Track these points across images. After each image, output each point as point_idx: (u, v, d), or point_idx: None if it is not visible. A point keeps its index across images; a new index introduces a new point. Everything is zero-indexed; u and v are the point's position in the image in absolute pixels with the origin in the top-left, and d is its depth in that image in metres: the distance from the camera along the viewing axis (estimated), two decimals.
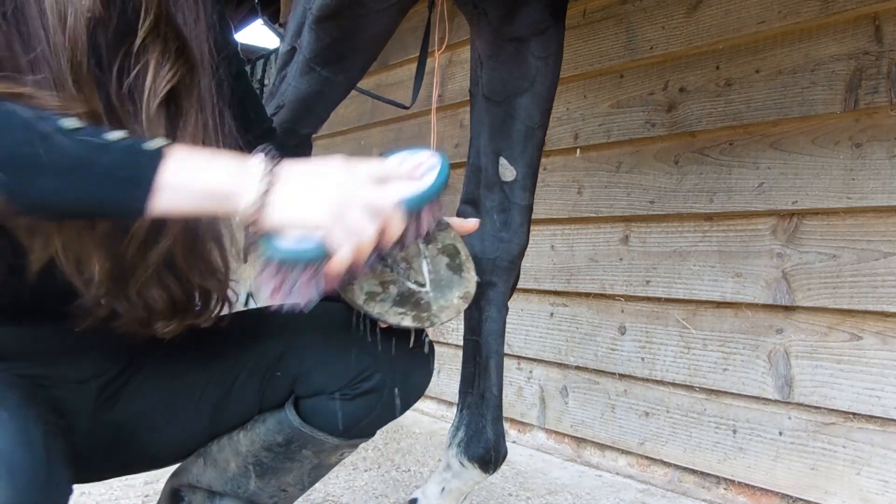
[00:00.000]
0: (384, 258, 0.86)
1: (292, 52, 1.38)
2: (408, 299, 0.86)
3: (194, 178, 0.68)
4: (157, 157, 0.66)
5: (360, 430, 0.97)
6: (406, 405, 0.98)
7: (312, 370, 0.93)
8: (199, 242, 0.81)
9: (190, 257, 0.80)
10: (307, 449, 0.97)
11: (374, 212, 0.72)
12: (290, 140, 1.41)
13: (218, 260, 0.85)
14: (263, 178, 0.70)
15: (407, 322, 0.84)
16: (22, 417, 0.67)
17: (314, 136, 3.26)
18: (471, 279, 0.91)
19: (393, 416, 0.98)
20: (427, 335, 0.96)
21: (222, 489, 0.99)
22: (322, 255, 0.72)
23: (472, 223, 0.94)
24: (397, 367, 0.94)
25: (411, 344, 0.93)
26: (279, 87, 1.39)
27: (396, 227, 0.74)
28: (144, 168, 0.65)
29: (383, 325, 0.90)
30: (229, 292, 0.88)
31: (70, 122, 0.65)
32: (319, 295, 0.74)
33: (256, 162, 0.71)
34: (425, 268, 0.90)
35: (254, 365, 0.94)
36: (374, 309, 0.84)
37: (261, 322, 0.98)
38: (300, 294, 0.73)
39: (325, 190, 0.72)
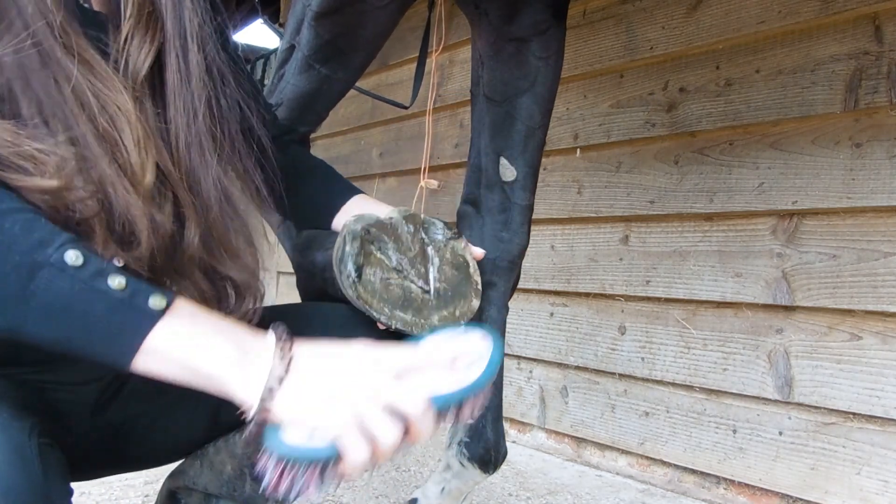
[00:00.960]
0: (387, 252, 0.84)
1: (291, 49, 1.37)
2: (409, 303, 0.83)
3: (188, 353, 0.61)
4: (153, 317, 0.60)
5: None
6: None
7: None
8: (228, 236, 0.78)
9: (219, 251, 0.77)
10: None
11: (400, 413, 0.63)
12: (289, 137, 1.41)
13: (248, 254, 0.80)
14: (273, 371, 0.62)
15: (399, 325, 0.81)
16: (16, 433, 0.62)
17: (314, 135, 3.27)
18: (474, 296, 0.88)
19: None
20: None
21: (218, 492, 0.98)
22: (333, 457, 0.63)
23: (479, 253, 0.92)
24: None
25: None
26: (278, 84, 1.39)
27: (426, 429, 0.64)
28: (135, 329, 0.60)
29: (380, 326, 0.87)
30: (260, 286, 0.81)
31: (73, 256, 0.58)
32: (324, 492, 0.65)
33: (266, 347, 0.63)
34: (432, 274, 0.86)
35: None
36: (374, 304, 0.81)
37: (264, 321, 0.97)
38: (302, 490, 0.64)
39: (342, 387, 0.63)
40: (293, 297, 1.14)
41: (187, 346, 0.61)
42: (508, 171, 1.31)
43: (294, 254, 1.29)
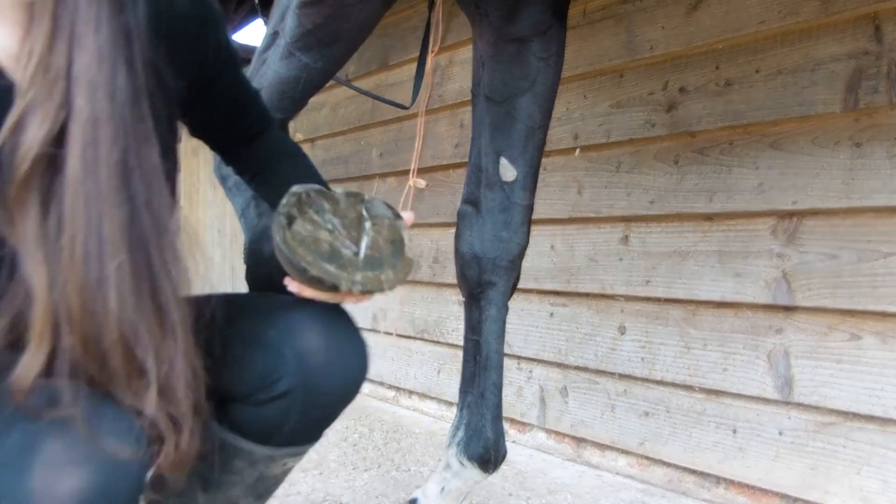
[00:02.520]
0: (323, 215, 0.85)
1: (275, 35, 1.37)
2: (335, 258, 0.84)
3: None
4: None
5: (288, 437, 0.88)
6: (338, 401, 0.89)
7: (222, 372, 0.80)
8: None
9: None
10: (239, 460, 0.89)
11: None
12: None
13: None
14: None
15: (321, 274, 0.81)
16: None
17: (314, 135, 3.27)
18: (405, 270, 0.89)
19: (327, 418, 0.90)
20: (353, 321, 0.91)
21: None
22: None
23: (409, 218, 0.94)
24: (308, 367, 0.84)
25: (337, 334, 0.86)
26: (259, 69, 1.39)
27: None
28: None
29: (291, 282, 0.86)
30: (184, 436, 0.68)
31: None
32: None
33: None
34: (364, 241, 0.89)
35: None
36: (298, 251, 0.81)
37: (217, 309, 0.87)
38: None
39: None
40: None
41: None
42: (508, 171, 1.31)
43: (248, 243, 1.29)
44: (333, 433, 2.31)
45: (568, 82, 2.08)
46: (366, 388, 2.93)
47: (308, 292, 0.87)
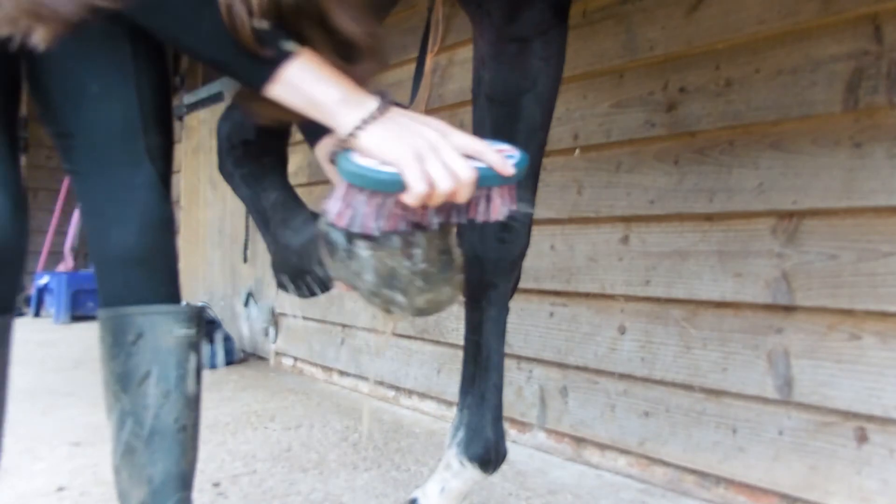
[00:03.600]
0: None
1: None
2: (394, 278, 0.84)
3: (309, 86, 0.79)
4: (288, 55, 0.79)
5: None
6: None
7: None
8: None
9: (340, 8, 0.84)
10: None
11: (452, 172, 0.78)
12: None
13: (368, 19, 0.87)
14: (369, 114, 0.79)
15: (385, 302, 0.84)
16: None
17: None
18: (457, 284, 0.89)
19: None
20: None
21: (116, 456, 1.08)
22: (393, 185, 0.76)
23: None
24: None
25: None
26: None
27: (466, 193, 0.80)
28: (274, 61, 0.79)
29: (342, 289, 0.92)
30: (383, 52, 0.90)
31: None
32: (379, 228, 0.78)
33: (371, 99, 0.81)
34: (417, 253, 0.87)
35: None
36: (363, 276, 0.83)
37: None
38: (361, 222, 0.77)
39: (416, 136, 0.79)
40: (293, 296, 1.14)
41: (310, 80, 0.80)
42: None
43: (267, 233, 1.26)
44: (333, 433, 2.31)
45: (568, 82, 2.08)
46: (365, 387, 2.93)
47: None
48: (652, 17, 1.89)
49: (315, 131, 1.02)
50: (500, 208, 0.85)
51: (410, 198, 0.77)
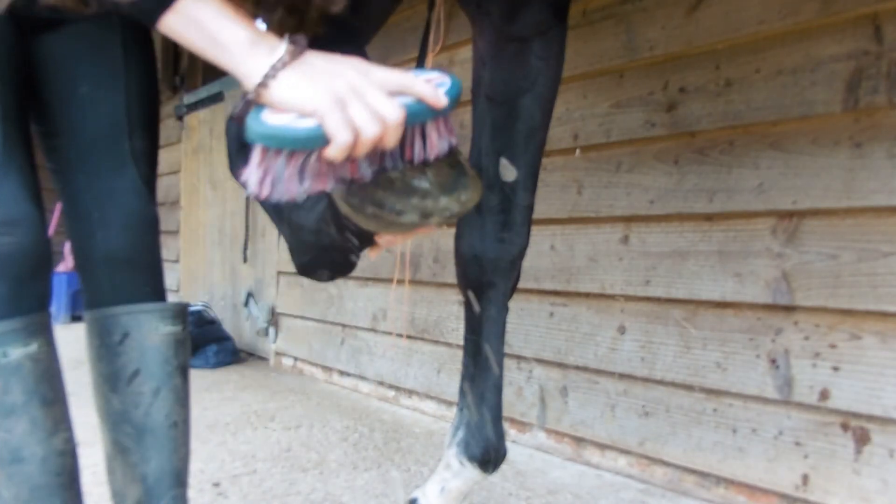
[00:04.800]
0: (383, 170, 0.80)
1: None
2: (413, 191, 0.80)
3: (211, 22, 0.71)
4: None
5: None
6: None
7: None
8: None
9: None
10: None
11: (377, 114, 0.70)
12: None
13: None
14: (279, 58, 0.70)
15: (412, 217, 0.79)
16: None
17: None
18: (475, 186, 0.86)
19: None
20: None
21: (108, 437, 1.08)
22: (313, 141, 0.68)
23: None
24: None
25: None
26: None
27: (395, 135, 0.71)
28: None
29: (378, 240, 0.86)
30: None
31: None
32: (306, 191, 0.70)
33: (281, 42, 0.72)
34: (429, 171, 0.84)
35: None
36: (389, 197, 0.78)
37: None
38: (284, 188, 0.69)
39: (334, 80, 0.70)
40: (293, 296, 1.14)
41: (212, 16, 0.71)
42: (509, 172, 1.31)
43: (282, 222, 1.26)
44: (333, 433, 2.31)
45: (568, 82, 2.08)
46: (366, 387, 2.93)
47: (385, 238, 0.86)
48: (652, 17, 1.89)
49: None
50: (437, 144, 0.77)
51: (334, 150, 0.69)
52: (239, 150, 1.20)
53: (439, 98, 0.74)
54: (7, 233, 0.91)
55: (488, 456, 1.30)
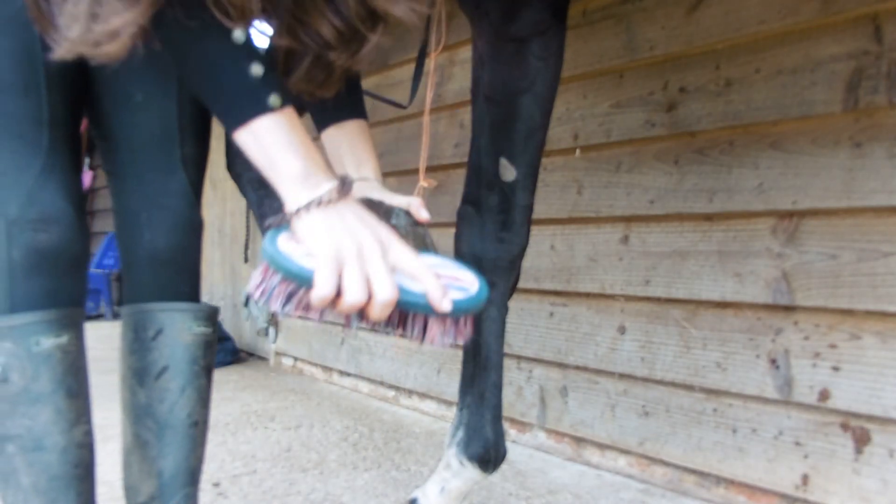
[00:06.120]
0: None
1: None
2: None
3: (275, 148, 0.77)
4: (266, 109, 0.77)
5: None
6: None
7: None
8: None
9: None
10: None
11: (368, 287, 0.73)
12: None
13: None
14: (316, 199, 0.76)
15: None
16: None
17: (314, 136, 3.25)
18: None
19: None
20: None
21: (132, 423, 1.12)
22: (302, 281, 0.74)
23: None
24: None
25: None
26: None
27: (380, 312, 0.74)
28: (251, 109, 0.77)
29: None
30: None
31: (239, 35, 0.76)
32: (285, 314, 0.76)
33: (327, 183, 0.77)
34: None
35: None
36: None
37: None
38: (272, 300, 0.76)
39: (348, 237, 0.74)
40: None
41: (276, 141, 0.77)
42: (508, 172, 1.31)
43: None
44: (333, 433, 2.31)
45: (568, 82, 2.08)
46: (366, 387, 2.93)
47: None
48: (652, 17, 1.89)
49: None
50: (437, 337, 0.77)
51: (314, 298, 0.73)
52: (238, 152, 1.21)
53: (442, 303, 0.76)
54: (44, 230, 0.97)
55: (488, 456, 1.30)
